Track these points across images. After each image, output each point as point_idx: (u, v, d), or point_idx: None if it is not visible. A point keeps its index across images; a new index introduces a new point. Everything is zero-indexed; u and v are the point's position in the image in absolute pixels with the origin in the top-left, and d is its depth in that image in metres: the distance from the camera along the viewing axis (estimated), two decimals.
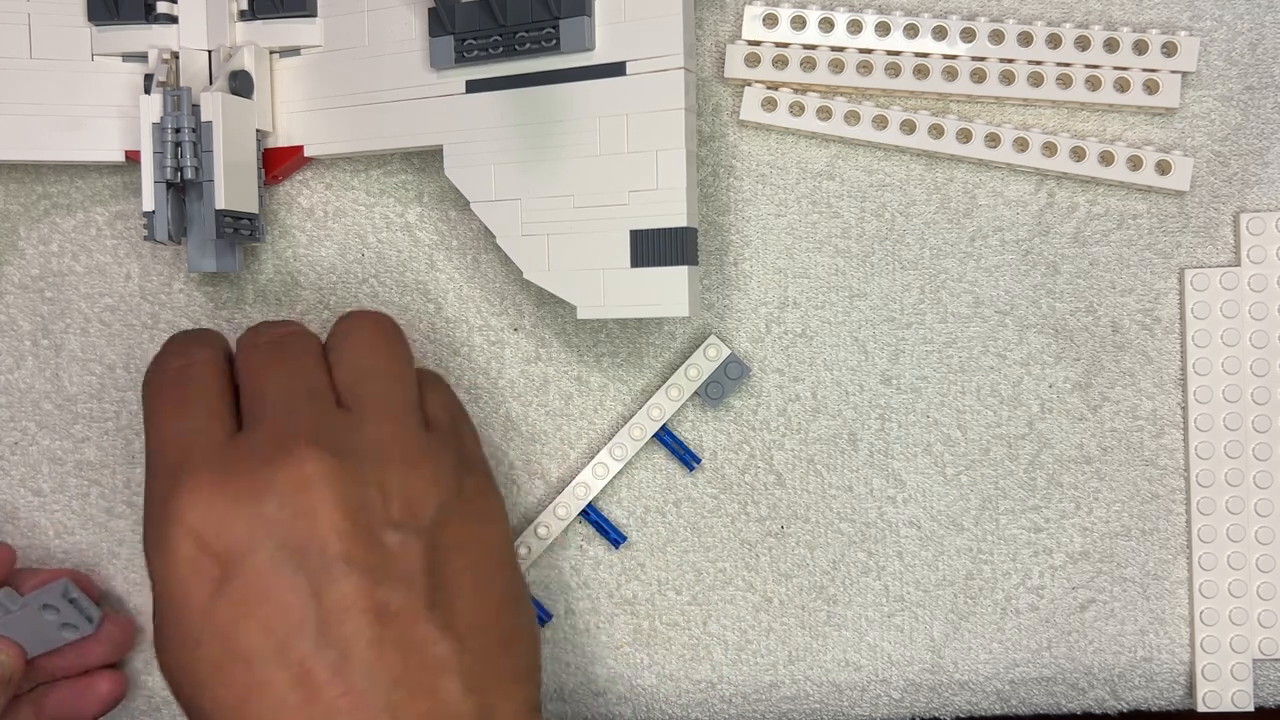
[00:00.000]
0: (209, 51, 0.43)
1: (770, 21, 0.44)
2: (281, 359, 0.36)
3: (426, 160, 0.45)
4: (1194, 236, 0.44)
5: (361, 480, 0.34)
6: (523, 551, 0.45)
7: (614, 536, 0.45)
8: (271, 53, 0.44)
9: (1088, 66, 0.43)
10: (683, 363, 0.45)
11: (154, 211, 0.42)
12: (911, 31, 0.43)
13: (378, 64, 0.43)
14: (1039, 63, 0.43)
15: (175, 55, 0.43)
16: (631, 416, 0.45)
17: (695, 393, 0.45)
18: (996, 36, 0.43)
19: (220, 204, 0.41)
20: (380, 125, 0.43)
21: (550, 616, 0.46)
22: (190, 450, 0.34)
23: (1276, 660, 0.45)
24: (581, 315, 0.41)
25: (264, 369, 0.36)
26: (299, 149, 0.44)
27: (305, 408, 0.35)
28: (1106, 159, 0.43)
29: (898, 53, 0.43)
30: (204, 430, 0.35)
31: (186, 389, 0.36)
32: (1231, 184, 0.44)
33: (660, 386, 0.45)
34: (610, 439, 0.45)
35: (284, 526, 0.33)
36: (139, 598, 0.46)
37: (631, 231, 0.40)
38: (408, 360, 0.38)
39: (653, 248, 0.39)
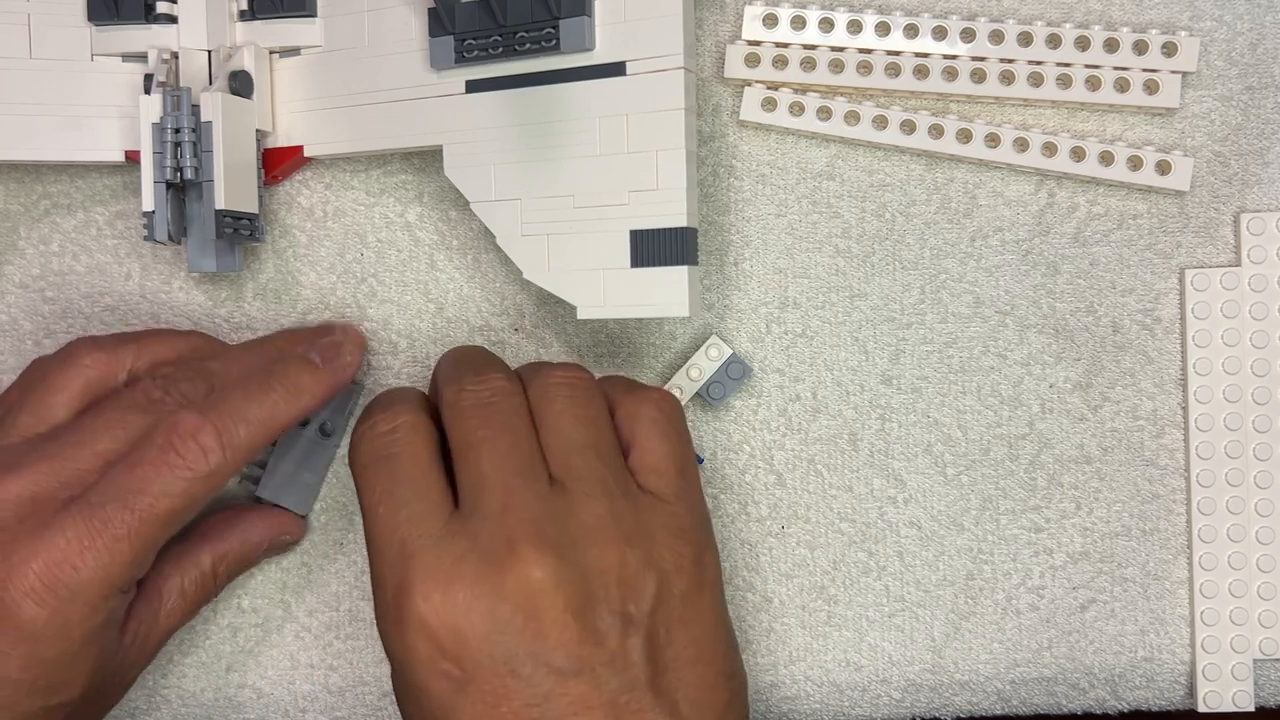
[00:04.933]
0: (209, 51, 0.43)
1: (770, 21, 0.44)
2: (492, 430, 0.37)
3: (426, 160, 0.45)
4: (1194, 236, 0.44)
5: (584, 575, 0.35)
6: None
7: None
8: (271, 53, 0.44)
9: (1088, 66, 0.43)
10: (683, 363, 0.45)
11: (154, 211, 0.42)
12: (911, 31, 0.43)
13: (378, 64, 0.43)
14: (1039, 63, 0.43)
15: (175, 55, 0.43)
16: None
17: (695, 393, 0.45)
18: (996, 36, 0.43)
19: (220, 204, 0.41)
20: (380, 125, 0.43)
21: None
22: (412, 542, 0.35)
23: (1277, 660, 0.45)
24: (581, 315, 0.40)
25: (476, 444, 0.37)
26: (299, 149, 0.44)
27: (523, 495, 0.36)
28: (1106, 159, 0.43)
29: (898, 53, 0.43)
30: (421, 517, 0.36)
31: (396, 465, 0.37)
32: (1232, 184, 0.44)
33: (661, 387, 0.45)
34: None
35: (516, 632, 0.34)
36: None
37: (631, 231, 0.40)
38: (608, 422, 0.39)
39: (653, 248, 0.39)
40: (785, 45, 0.44)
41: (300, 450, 0.45)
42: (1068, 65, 0.43)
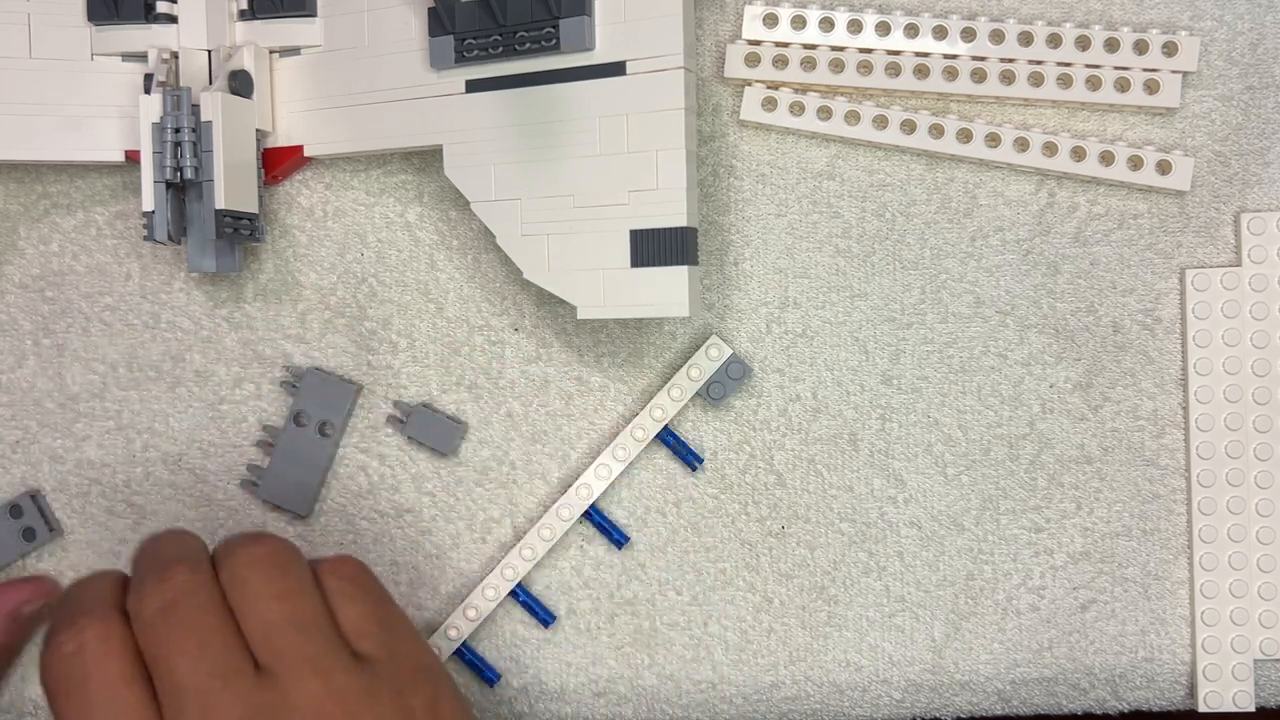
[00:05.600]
0: (209, 51, 0.43)
1: (770, 21, 0.44)
2: (180, 634, 0.34)
3: (426, 160, 0.45)
4: (1195, 236, 0.44)
5: None
6: (526, 553, 0.45)
7: (617, 537, 0.45)
8: (271, 53, 0.44)
9: (1088, 66, 0.43)
10: (683, 363, 0.45)
11: (154, 211, 0.42)
12: (912, 31, 0.43)
13: (378, 64, 0.43)
14: (1039, 63, 0.43)
15: (175, 55, 0.43)
16: (632, 417, 0.45)
17: (695, 393, 0.45)
18: (997, 36, 0.43)
19: (220, 204, 0.41)
20: (380, 125, 0.43)
21: (554, 618, 0.46)
22: None
23: (1277, 660, 0.45)
24: (581, 315, 0.40)
25: (167, 655, 0.33)
26: (299, 149, 0.44)
27: (223, 698, 0.33)
28: (1107, 159, 0.43)
29: (898, 52, 0.43)
30: None
31: (87, 692, 0.33)
32: (1232, 184, 0.44)
33: (661, 387, 0.45)
34: (611, 439, 0.45)
35: None
36: None
37: (631, 231, 0.40)
38: (311, 591, 0.36)
39: (653, 248, 0.39)
40: (785, 45, 0.44)
41: (299, 451, 0.45)
42: (1068, 65, 0.43)
